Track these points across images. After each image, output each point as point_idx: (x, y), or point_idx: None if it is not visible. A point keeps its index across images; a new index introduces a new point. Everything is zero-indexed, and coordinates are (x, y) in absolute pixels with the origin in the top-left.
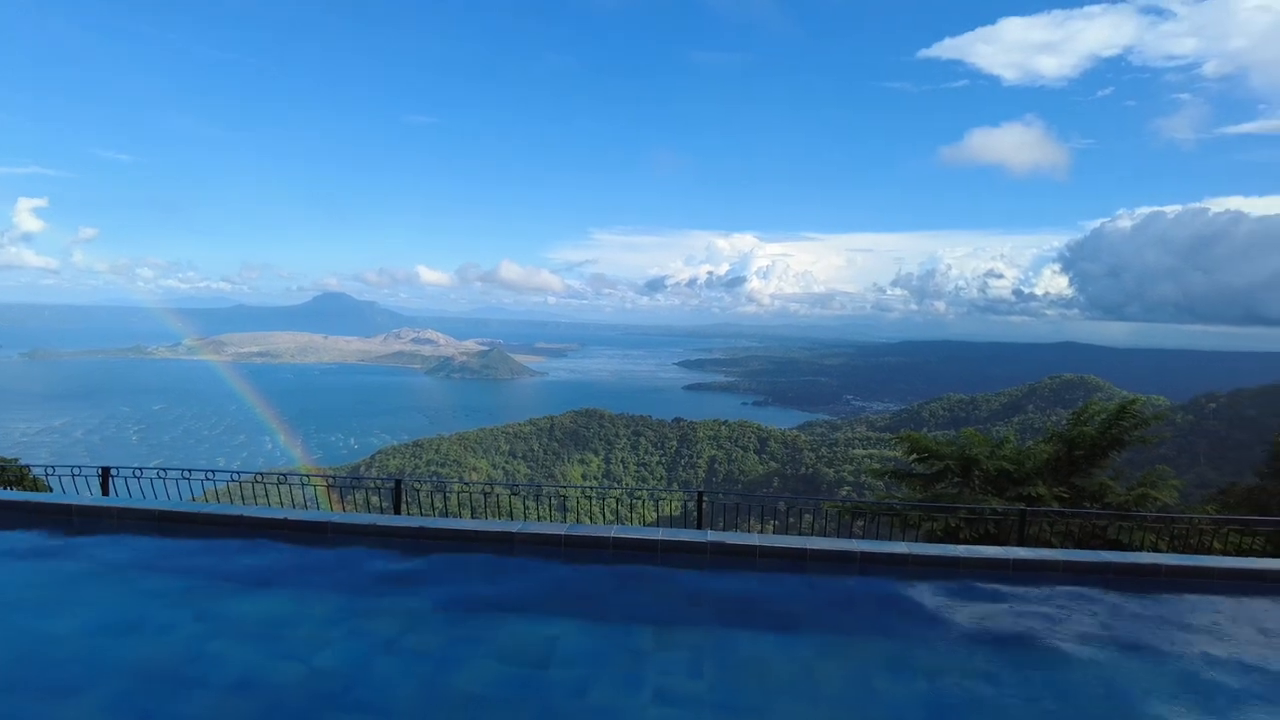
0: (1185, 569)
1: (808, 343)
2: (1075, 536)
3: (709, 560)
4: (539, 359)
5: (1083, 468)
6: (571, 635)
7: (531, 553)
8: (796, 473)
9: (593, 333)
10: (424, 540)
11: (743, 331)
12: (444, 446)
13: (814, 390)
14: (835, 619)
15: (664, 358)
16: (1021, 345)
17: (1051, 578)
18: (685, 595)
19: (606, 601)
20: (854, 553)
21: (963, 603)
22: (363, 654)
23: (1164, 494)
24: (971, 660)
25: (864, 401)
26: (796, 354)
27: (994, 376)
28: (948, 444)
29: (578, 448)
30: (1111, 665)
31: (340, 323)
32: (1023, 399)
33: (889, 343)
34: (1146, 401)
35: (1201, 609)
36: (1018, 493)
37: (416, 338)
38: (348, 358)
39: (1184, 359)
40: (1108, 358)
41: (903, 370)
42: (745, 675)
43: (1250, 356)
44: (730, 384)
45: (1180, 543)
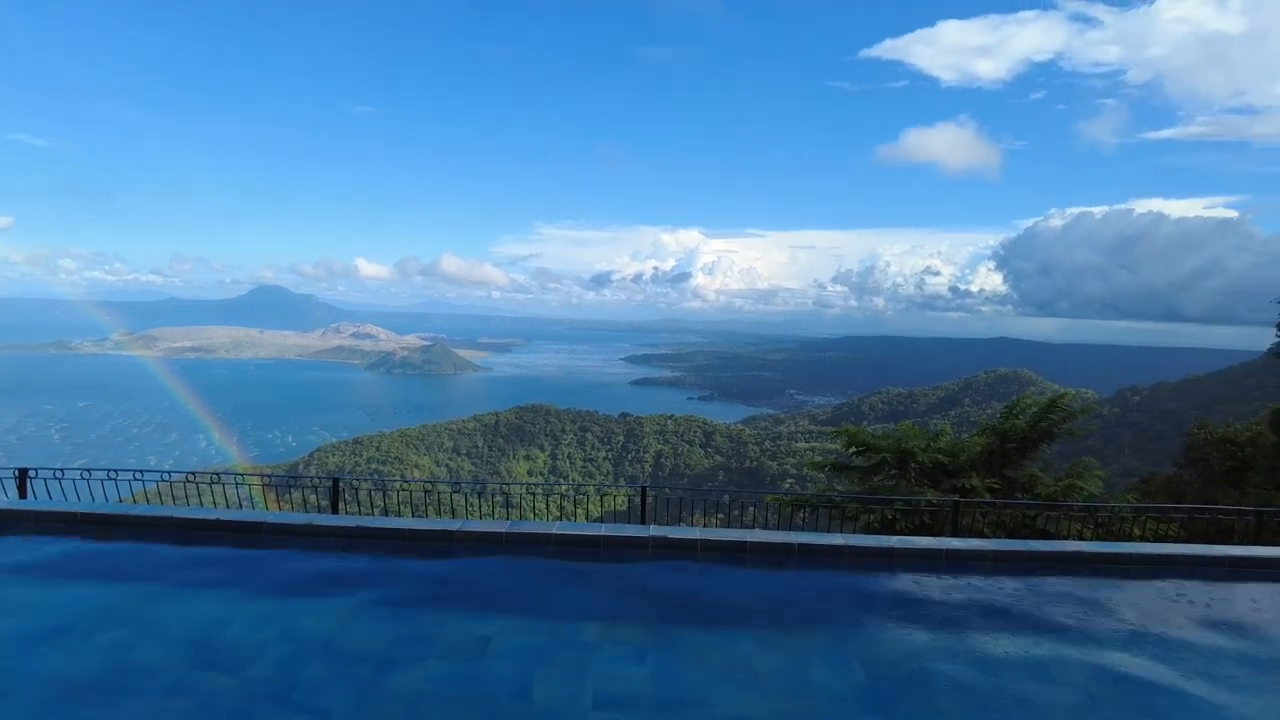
0: (1106, 555)
1: (752, 338)
2: (1007, 526)
3: (651, 555)
4: (483, 354)
5: (1014, 459)
6: (513, 632)
7: (472, 551)
8: (741, 466)
9: (538, 327)
10: (362, 539)
11: (689, 327)
12: (385, 444)
13: (758, 385)
14: (775, 610)
15: (611, 353)
16: (958, 340)
17: (982, 567)
18: (628, 590)
19: (548, 598)
20: (792, 544)
21: (897, 592)
22: (299, 656)
23: (1089, 484)
24: (906, 648)
25: (807, 396)
26: (741, 349)
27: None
28: (885, 437)
29: (523, 444)
30: (1037, 649)
31: (277, 317)
32: (959, 393)
33: (831, 338)
34: (1076, 395)
35: (1120, 593)
36: (952, 484)
37: (356, 332)
38: (285, 352)
39: (1110, 354)
40: (1040, 352)
41: (844, 365)
42: (687, 668)
43: (1170, 352)
44: (677, 379)
45: (1104, 530)
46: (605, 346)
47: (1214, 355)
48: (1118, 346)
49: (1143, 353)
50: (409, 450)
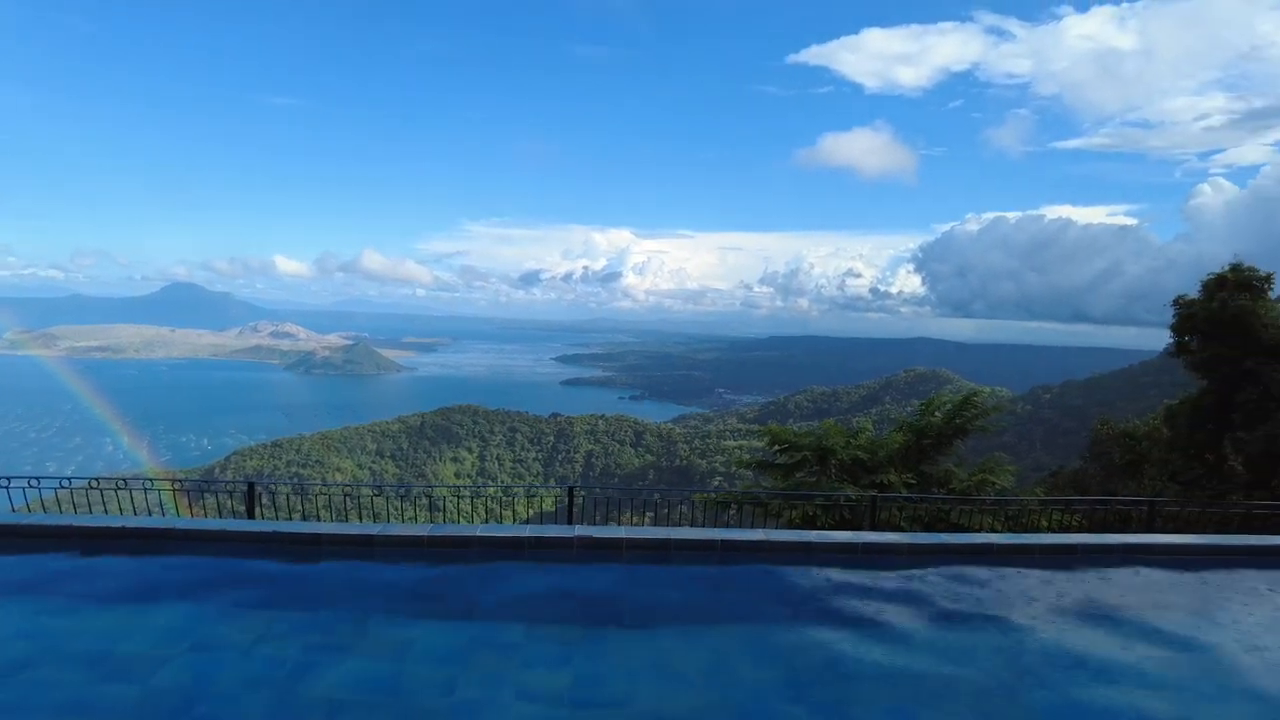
0: (1012, 546)
1: (682, 338)
2: (923, 520)
3: (576, 555)
4: (407, 354)
5: (930, 455)
6: (435, 635)
7: (393, 555)
8: (672, 465)
9: (465, 326)
10: (278, 545)
11: (620, 326)
12: (305, 446)
13: (688, 384)
14: (698, 607)
15: (541, 353)
16: (879, 340)
17: (896, 560)
18: (552, 591)
19: (471, 600)
20: (715, 541)
21: (816, 585)
22: (209, 667)
23: (1000, 478)
24: (823, 639)
25: (735, 395)
26: (671, 349)
27: (854, 370)
28: (807, 435)
29: (450, 445)
30: (948, 636)
31: (191, 315)
32: (880, 391)
33: (758, 338)
34: (991, 393)
35: (1024, 582)
36: (871, 480)
37: (275, 331)
38: (199, 352)
39: (1023, 353)
40: (957, 352)
41: (770, 364)
42: (611, 666)
43: (1078, 351)
44: (607, 379)
45: (1013, 522)
46: (535, 346)
47: (1117, 355)
48: (1030, 346)
49: (1053, 352)
50: (330, 453)
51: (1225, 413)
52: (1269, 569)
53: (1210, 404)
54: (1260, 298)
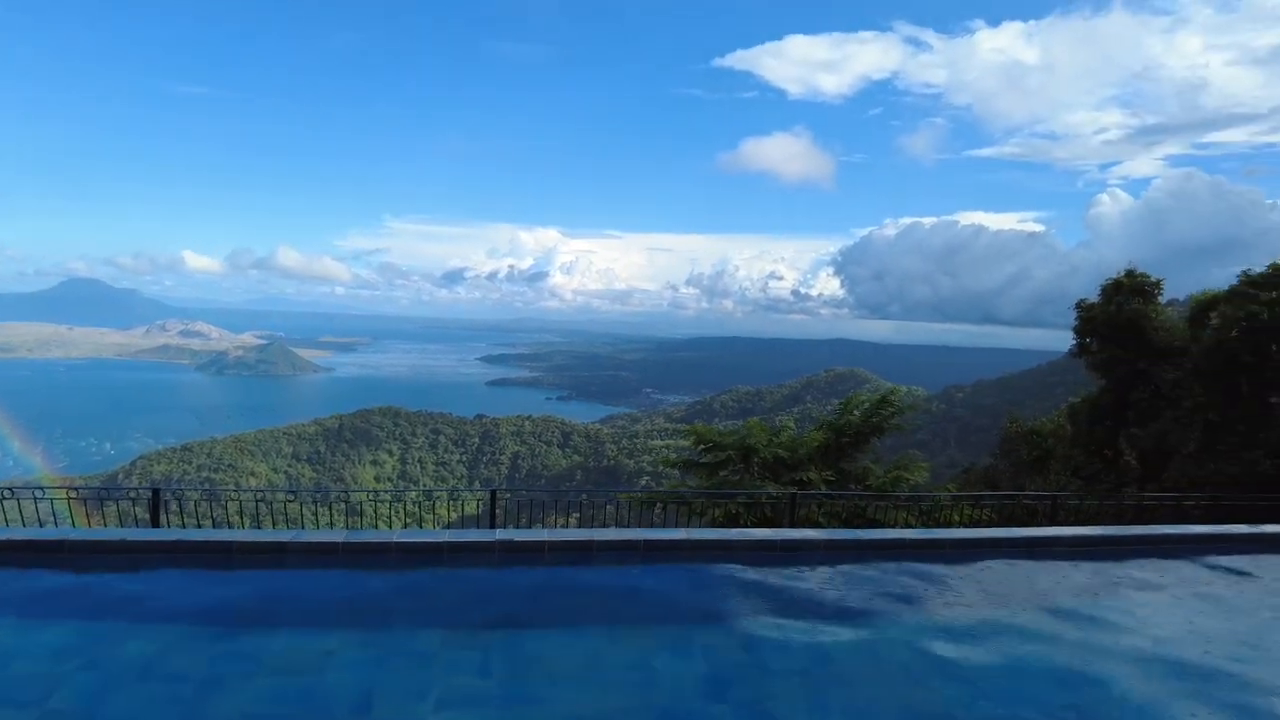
0: (924, 541)
1: (610, 338)
2: (841, 516)
3: (498, 559)
4: (325, 354)
5: (848, 453)
6: (352, 644)
7: (307, 562)
8: (599, 465)
9: (386, 325)
10: (183, 554)
11: (546, 326)
12: (217, 450)
13: (616, 384)
14: (619, 607)
15: (465, 353)
16: (801, 341)
17: (813, 556)
18: (472, 596)
19: (389, 607)
20: (638, 541)
21: (736, 583)
22: (108, 685)
23: (915, 475)
24: (743, 635)
25: (662, 394)
26: (599, 349)
27: (777, 370)
28: (730, 434)
29: (370, 448)
30: (862, 630)
31: (92, 313)
32: (802, 390)
33: (685, 339)
34: (907, 392)
35: (935, 575)
36: (792, 478)
37: (185, 330)
38: (102, 352)
39: (938, 354)
40: (875, 353)
41: (697, 364)
42: (532, 670)
43: (989, 352)
44: (534, 379)
45: (927, 518)
46: (459, 346)
47: (1026, 355)
48: (944, 347)
49: (965, 353)
50: (244, 457)
51: (1121, 411)
52: (1157, 557)
53: (1108, 402)
54: (1152, 302)
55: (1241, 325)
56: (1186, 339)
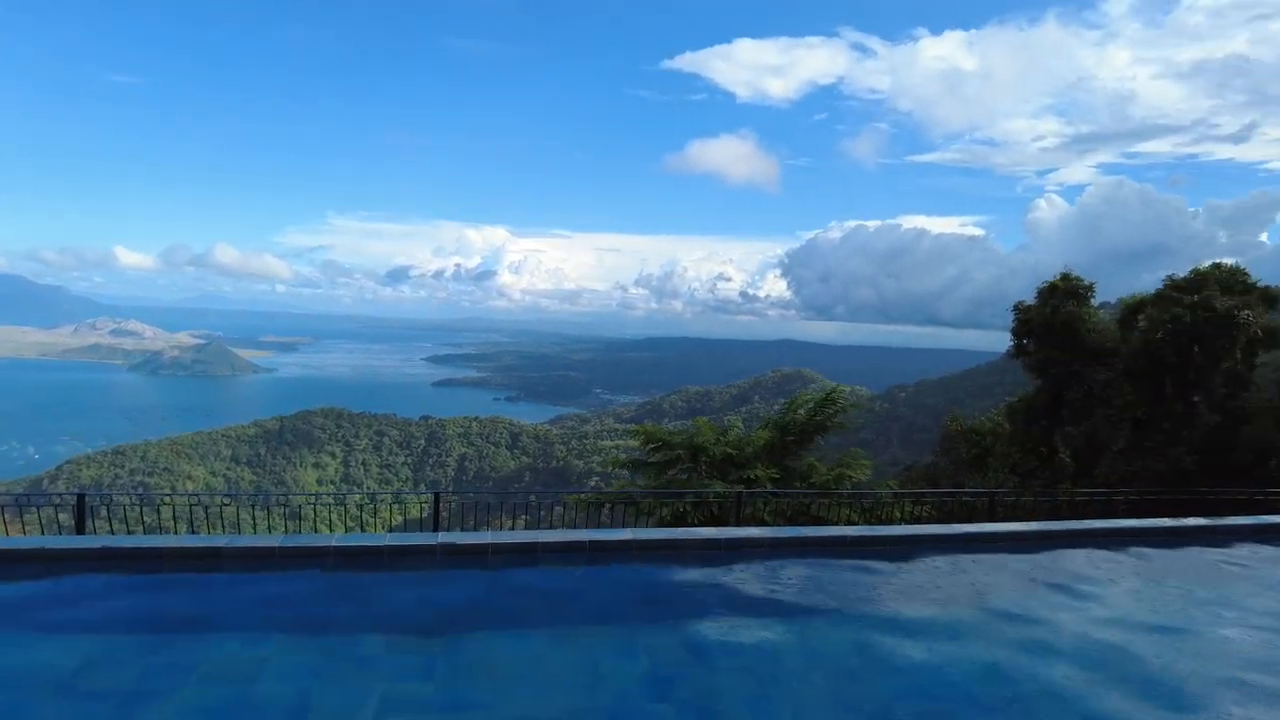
0: (866, 538)
1: (558, 338)
2: (786, 514)
3: (440, 562)
4: (266, 354)
5: (794, 451)
6: (288, 651)
7: (242, 568)
8: (548, 466)
9: (329, 325)
10: (112, 562)
11: (494, 326)
12: (151, 453)
13: (565, 385)
14: (564, 609)
15: (410, 352)
16: (749, 342)
17: (758, 554)
18: (414, 600)
19: (328, 613)
20: (583, 542)
21: (681, 582)
22: (20, 706)
23: (858, 472)
24: (688, 635)
25: (612, 395)
26: (548, 349)
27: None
28: (679, 433)
29: (312, 450)
30: (804, 626)
31: (14, 310)
32: (750, 390)
33: (634, 339)
34: (851, 391)
35: (873, 572)
36: (739, 476)
37: (117, 329)
38: (24, 351)
39: (881, 355)
40: (821, 353)
41: (646, 365)
42: (475, 674)
43: (931, 353)
44: (481, 379)
45: (869, 515)
46: (404, 346)
47: (966, 356)
48: (887, 348)
49: (909, 354)
50: (180, 460)
51: (1056, 410)
52: (1088, 549)
53: (1043, 402)
54: (1085, 305)
55: (1166, 327)
56: (1117, 340)
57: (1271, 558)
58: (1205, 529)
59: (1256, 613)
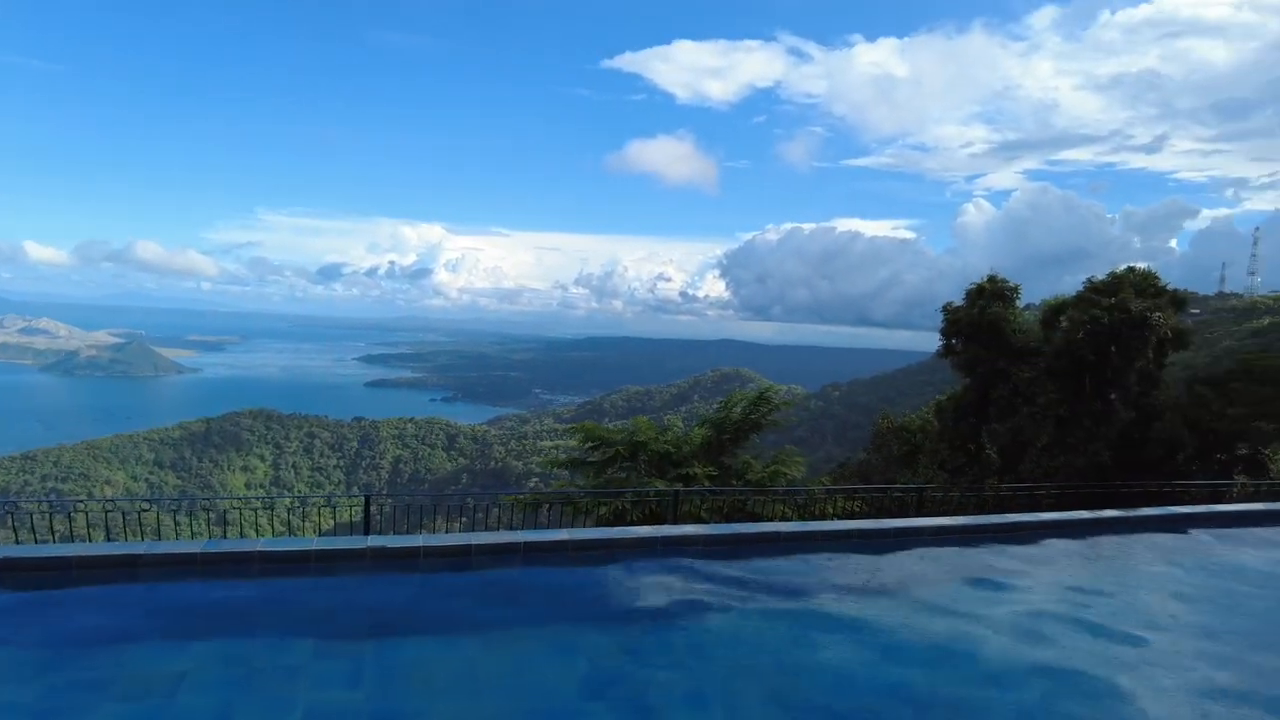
0: (798, 534)
1: (497, 337)
2: (723, 511)
3: (370, 566)
4: (191, 353)
5: (730, 449)
6: (211, 661)
7: (161, 576)
8: (486, 468)
9: (258, 323)
10: (19, 574)
11: (430, 325)
12: (66, 458)
13: (504, 385)
14: (498, 611)
15: (342, 352)
16: (689, 341)
17: (693, 551)
18: (343, 605)
19: (252, 621)
20: (518, 544)
21: (617, 582)
22: None
23: (792, 470)
24: (623, 635)
25: (552, 395)
26: (487, 349)
27: (666, 370)
28: (618, 432)
29: (240, 453)
30: (738, 621)
31: None
32: (690, 390)
33: (575, 339)
34: (786, 390)
35: (807, 565)
36: (677, 473)
37: (27, 327)
38: None
39: (817, 354)
40: (759, 353)
41: (587, 364)
42: (406, 680)
43: (864, 352)
44: (417, 380)
45: (803, 511)
46: (336, 345)
47: (898, 355)
48: (823, 348)
49: (842, 353)
50: (98, 465)
51: (983, 407)
52: (1010, 543)
53: (971, 400)
54: (1010, 306)
55: (1085, 328)
56: (1040, 340)
57: (1176, 546)
58: (1120, 520)
59: (1164, 597)
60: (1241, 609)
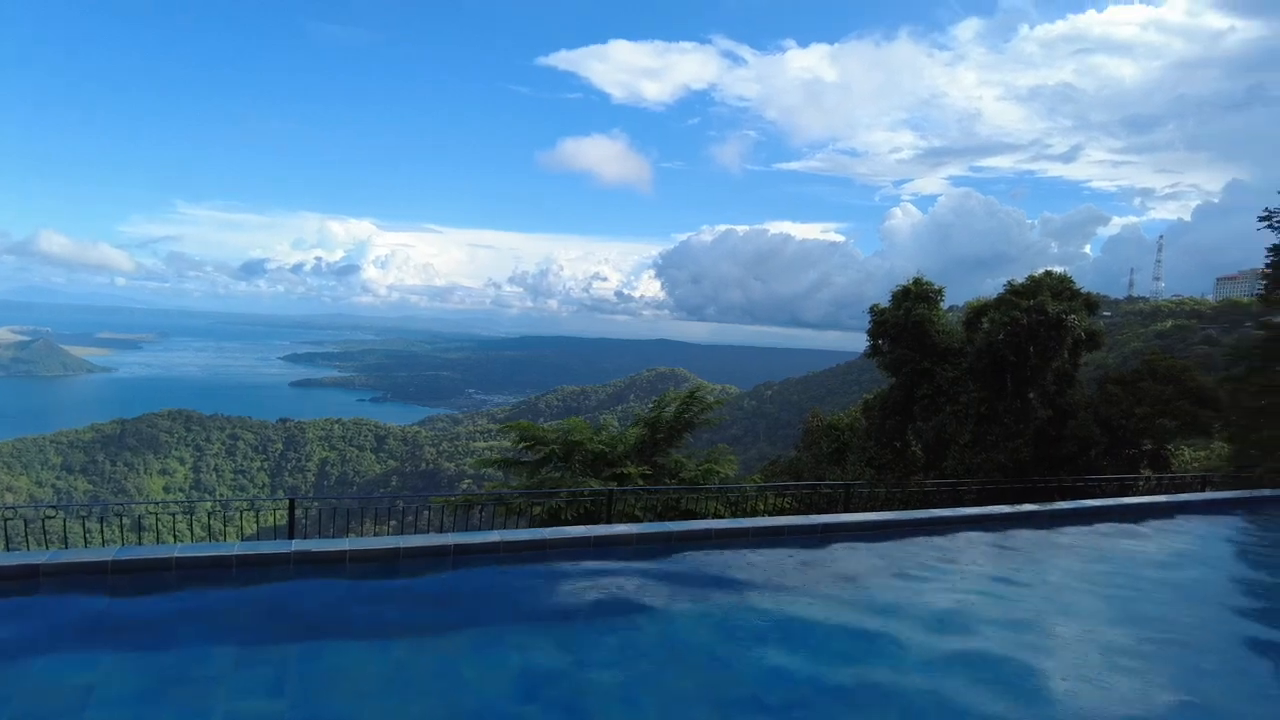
0: (729, 531)
1: (429, 336)
2: (656, 509)
3: (294, 571)
4: (104, 352)
5: (663, 448)
6: (122, 673)
7: (68, 586)
8: (417, 469)
9: (177, 321)
10: None
11: (359, 323)
12: None
13: (436, 385)
14: (427, 615)
15: (267, 351)
16: (626, 341)
17: (626, 550)
18: (265, 612)
19: (167, 630)
20: (448, 546)
21: (549, 582)
22: None
23: (725, 468)
24: (555, 635)
25: (486, 395)
26: (418, 348)
27: (602, 369)
28: (553, 431)
29: (158, 456)
30: (671, 618)
31: None
32: (625, 389)
33: (509, 338)
34: (721, 390)
35: (736, 563)
36: (612, 473)
37: None
38: None
39: (750, 354)
40: (694, 353)
41: (522, 364)
42: (331, 685)
43: (796, 352)
44: (345, 379)
45: (735, 508)
46: (260, 344)
47: (828, 355)
48: (756, 348)
49: (775, 353)
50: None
51: (908, 406)
52: (934, 536)
53: (897, 399)
54: (935, 308)
55: (1006, 329)
56: (963, 341)
57: (1087, 538)
58: (1036, 514)
59: (1076, 587)
60: (1145, 596)
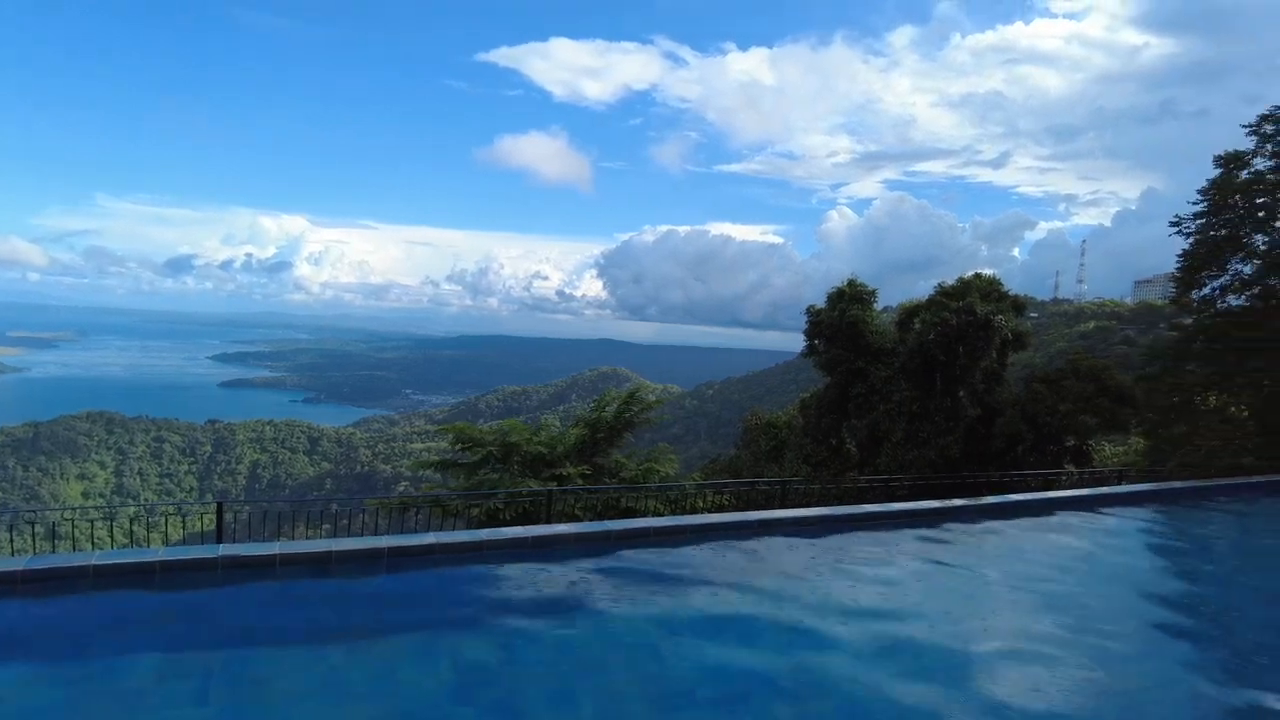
0: (667, 529)
1: (364, 335)
2: (597, 509)
3: (222, 577)
4: (15, 351)
5: (603, 448)
6: (36, 686)
7: None
8: (351, 472)
9: (97, 318)
10: None
11: (291, 322)
12: None
13: (372, 385)
14: (361, 619)
15: (194, 350)
16: (566, 341)
17: (565, 550)
18: (192, 619)
19: (84, 641)
20: (381, 549)
21: (486, 584)
22: None
23: (665, 466)
24: (492, 637)
25: (424, 395)
26: (353, 347)
27: (543, 369)
28: (491, 432)
29: (77, 460)
30: (606, 616)
31: None
32: (567, 389)
33: (447, 337)
34: (663, 389)
35: (674, 561)
36: (551, 473)
37: None
38: None
39: (692, 354)
40: (636, 352)
41: (461, 364)
42: (260, 692)
43: (737, 352)
44: (277, 380)
45: (675, 506)
46: (187, 343)
47: (766, 355)
48: (698, 348)
49: (716, 353)
50: None
51: (843, 404)
52: (867, 530)
53: (832, 397)
54: (869, 309)
55: (936, 329)
56: (895, 341)
57: (1013, 531)
58: (965, 509)
59: (1002, 578)
60: (1064, 585)
